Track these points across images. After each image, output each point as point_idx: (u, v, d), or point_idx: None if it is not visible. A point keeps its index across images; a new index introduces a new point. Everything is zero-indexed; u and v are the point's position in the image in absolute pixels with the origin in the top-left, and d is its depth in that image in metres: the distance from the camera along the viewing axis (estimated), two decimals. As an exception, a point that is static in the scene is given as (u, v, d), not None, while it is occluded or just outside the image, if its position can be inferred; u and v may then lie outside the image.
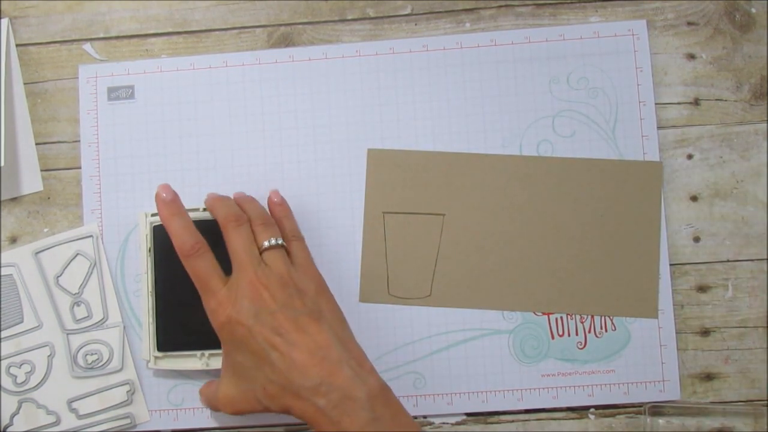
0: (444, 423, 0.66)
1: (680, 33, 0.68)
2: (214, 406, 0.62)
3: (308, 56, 0.69)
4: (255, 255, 0.60)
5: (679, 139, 0.67)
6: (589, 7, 0.68)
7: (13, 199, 0.69)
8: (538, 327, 0.66)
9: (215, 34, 0.70)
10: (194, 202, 0.65)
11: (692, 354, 0.66)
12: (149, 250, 0.65)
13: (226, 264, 0.60)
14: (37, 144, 0.69)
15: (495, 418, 0.66)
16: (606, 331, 0.66)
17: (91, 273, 0.67)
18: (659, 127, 0.67)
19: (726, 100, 0.67)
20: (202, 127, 0.68)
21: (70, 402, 0.66)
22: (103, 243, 0.68)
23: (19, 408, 0.67)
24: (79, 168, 0.69)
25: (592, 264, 0.66)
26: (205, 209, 0.64)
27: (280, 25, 0.70)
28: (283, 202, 0.66)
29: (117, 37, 0.70)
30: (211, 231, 0.61)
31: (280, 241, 0.61)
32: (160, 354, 0.64)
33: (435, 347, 0.66)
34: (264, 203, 0.66)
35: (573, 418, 0.66)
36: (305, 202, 0.67)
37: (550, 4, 0.69)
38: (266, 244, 0.61)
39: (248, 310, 0.58)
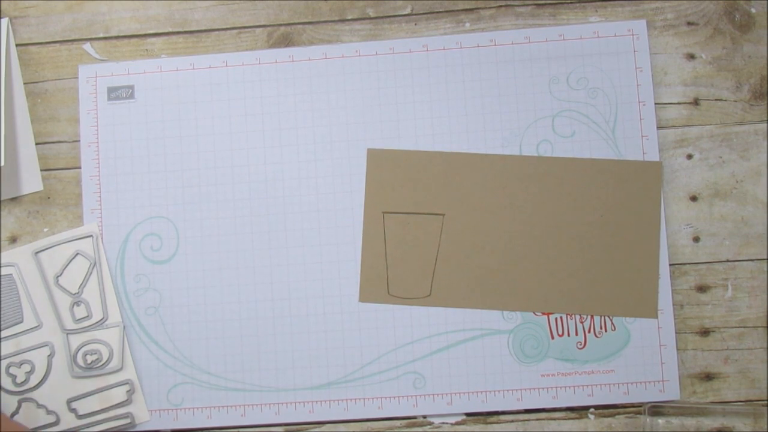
0: (444, 423, 0.66)
1: (680, 33, 0.68)
2: None
3: (308, 56, 0.69)
4: None
5: (678, 139, 0.67)
6: (589, 7, 0.68)
7: (13, 199, 0.69)
8: (538, 327, 0.66)
9: (215, 34, 0.70)
10: (194, 201, 0.66)
11: (692, 354, 0.66)
12: None
13: None
14: (37, 144, 0.69)
15: (495, 418, 0.66)
16: (606, 331, 0.66)
17: (91, 273, 0.67)
18: (659, 127, 0.67)
19: (726, 100, 0.67)
20: (202, 127, 0.68)
21: (69, 402, 0.66)
22: (103, 243, 0.68)
23: (18, 408, 0.67)
24: (79, 168, 0.69)
25: (592, 264, 0.66)
26: None
27: (280, 25, 0.70)
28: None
29: (117, 37, 0.70)
30: None
31: None
32: None
33: (435, 347, 0.66)
34: (267, 201, 0.66)
35: (573, 418, 0.66)
36: (305, 202, 0.67)
37: (550, 4, 0.69)
38: None
39: None
